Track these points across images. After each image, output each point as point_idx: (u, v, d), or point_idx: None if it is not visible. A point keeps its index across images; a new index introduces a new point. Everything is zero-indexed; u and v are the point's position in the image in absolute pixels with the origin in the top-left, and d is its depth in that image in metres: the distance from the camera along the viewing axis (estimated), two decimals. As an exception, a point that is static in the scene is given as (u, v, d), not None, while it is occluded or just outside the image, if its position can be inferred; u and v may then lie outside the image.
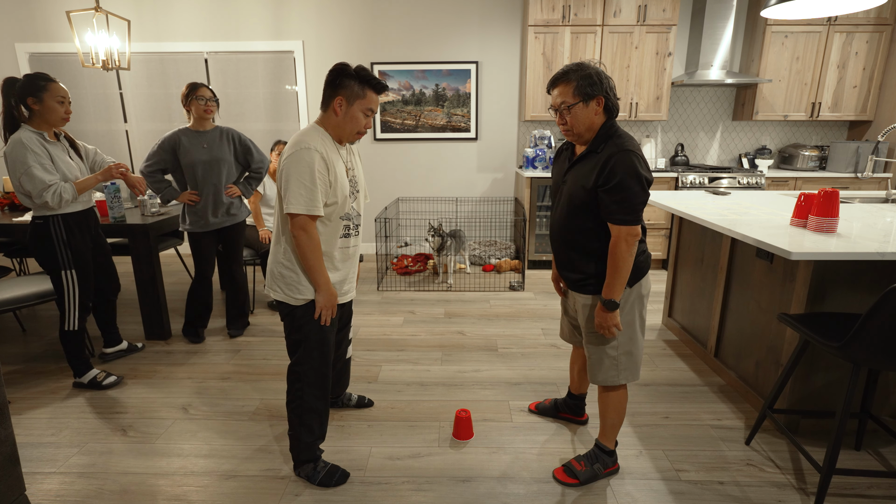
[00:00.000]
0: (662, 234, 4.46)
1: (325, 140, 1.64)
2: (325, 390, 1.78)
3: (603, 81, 1.54)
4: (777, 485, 1.79)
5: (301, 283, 1.67)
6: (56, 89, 2.20)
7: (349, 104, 1.62)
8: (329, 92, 1.63)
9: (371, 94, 1.63)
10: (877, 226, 2.08)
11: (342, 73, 1.60)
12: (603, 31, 4.26)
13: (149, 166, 2.69)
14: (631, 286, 1.64)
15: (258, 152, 2.93)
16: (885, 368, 1.51)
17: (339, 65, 1.61)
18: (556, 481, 1.81)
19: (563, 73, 1.56)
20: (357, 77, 1.60)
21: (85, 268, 2.38)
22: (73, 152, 2.38)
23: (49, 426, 2.16)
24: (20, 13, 4.65)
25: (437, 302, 3.73)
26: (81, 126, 4.90)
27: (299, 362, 1.74)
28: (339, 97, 1.61)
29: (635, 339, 1.70)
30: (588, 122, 1.58)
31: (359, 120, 1.65)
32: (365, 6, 4.60)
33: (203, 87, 2.68)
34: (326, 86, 1.63)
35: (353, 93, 1.61)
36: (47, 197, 2.15)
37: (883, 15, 4.18)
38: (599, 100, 1.55)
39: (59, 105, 2.21)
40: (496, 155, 4.95)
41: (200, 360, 2.79)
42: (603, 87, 1.54)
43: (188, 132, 2.73)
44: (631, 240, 1.52)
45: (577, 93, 1.54)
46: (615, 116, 1.60)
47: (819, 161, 4.49)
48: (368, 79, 1.61)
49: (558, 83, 1.58)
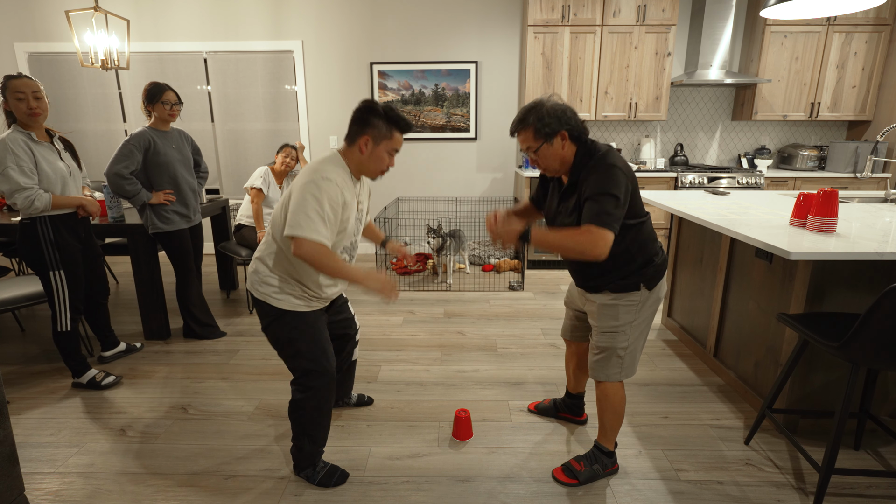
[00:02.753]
0: (662, 234, 4.46)
1: (345, 175, 1.62)
2: (330, 403, 1.77)
3: (561, 116, 1.52)
4: (776, 484, 1.79)
5: (280, 293, 1.66)
6: (15, 86, 2.11)
7: (375, 144, 1.61)
8: (356, 129, 1.62)
9: (397, 135, 1.64)
10: (876, 226, 2.08)
11: (370, 112, 1.59)
12: (602, 31, 4.26)
13: (126, 167, 2.59)
14: (650, 289, 1.64)
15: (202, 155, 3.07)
16: (884, 368, 1.51)
17: (368, 103, 1.61)
18: (556, 481, 1.81)
19: (521, 119, 1.56)
20: (385, 117, 1.60)
21: (74, 268, 2.36)
22: (66, 154, 2.35)
23: (48, 426, 2.16)
24: (19, 13, 4.65)
25: (436, 302, 3.73)
26: (81, 126, 4.90)
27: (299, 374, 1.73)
28: (365, 136, 1.60)
29: (641, 340, 1.72)
30: (559, 158, 1.57)
31: (383, 160, 1.65)
32: (364, 6, 4.60)
33: (169, 91, 2.68)
34: (353, 122, 1.62)
35: (381, 133, 1.60)
36: (17, 199, 2.13)
37: (882, 15, 4.18)
38: (563, 134, 1.54)
39: (20, 101, 2.12)
40: (496, 155, 4.95)
41: (200, 360, 2.79)
42: (562, 122, 1.52)
43: (157, 132, 2.71)
44: (594, 245, 1.42)
45: (537, 135, 1.54)
46: (586, 141, 1.58)
47: (818, 161, 4.49)
48: (396, 120, 1.61)
49: (518, 131, 1.58)
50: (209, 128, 4.91)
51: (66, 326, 2.39)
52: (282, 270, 1.67)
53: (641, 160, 4.69)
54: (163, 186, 2.75)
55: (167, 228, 2.78)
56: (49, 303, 2.36)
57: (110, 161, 2.59)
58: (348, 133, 1.64)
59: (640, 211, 1.60)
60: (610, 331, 1.68)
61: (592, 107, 4.44)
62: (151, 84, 2.67)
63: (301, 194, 1.51)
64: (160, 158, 2.69)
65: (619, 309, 1.66)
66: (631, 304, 1.65)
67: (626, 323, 1.66)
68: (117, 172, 2.58)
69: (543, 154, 1.56)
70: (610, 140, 4.87)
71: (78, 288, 2.40)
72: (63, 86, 4.81)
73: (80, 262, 2.40)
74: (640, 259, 1.62)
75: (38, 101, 2.16)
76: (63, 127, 4.89)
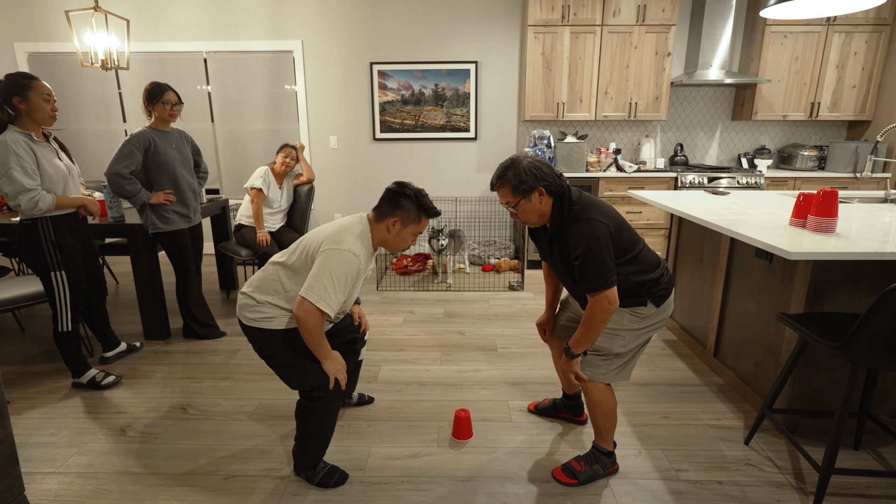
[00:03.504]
0: (662, 234, 4.46)
1: (368, 250, 1.68)
2: (337, 408, 1.77)
3: (537, 173, 1.58)
4: (776, 484, 1.79)
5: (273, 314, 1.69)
6: (41, 87, 2.15)
7: (403, 226, 1.69)
8: (386, 208, 1.67)
9: (425, 220, 1.72)
10: (876, 226, 2.08)
11: (403, 195, 1.66)
12: (602, 31, 4.26)
13: (126, 166, 2.59)
14: (658, 306, 1.68)
15: (201, 156, 3.09)
16: (884, 368, 1.51)
17: (401, 186, 1.67)
18: (556, 481, 1.81)
19: (498, 176, 1.63)
20: (417, 204, 1.68)
21: (75, 269, 2.36)
22: (62, 154, 2.35)
23: (48, 426, 2.16)
24: (19, 13, 4.65)
25: (436, 302, 3.73)
26: (80, 126, 4.90)
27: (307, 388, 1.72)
28: (395, 218, 1.67)
29: (638, 350, 1.74)
30: (537, 212, 1.64)
31: (406, 241, 1.72)
32: (364, 6, 4.60)
33: (170, 92, 2.68)
34: (385, 201, 1.68)
35: (409, 217, 1.68)
36: (22, 200, 2.12)
37: (882, 15, 4.18)
38: (540, 190, 1.60)
39: (45, 103, 2.16)
40: (495, 155, 4.95)
41: (200, 360, 2.79)
42: (539, 178, 1.58)
43: (157, 132, 2.72)
44: (608, 306, 1.54)
45: (515, 192, 1.61)
46: (564, 194, 1.63)
47: (818, 161, 4.49)
48: (427, 208, 1.69)
49: (497, 187, 1.66)
50: (209, 128, 4.91)
51: (67, 327, 2.39)
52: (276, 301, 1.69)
53: (641, 160, 4.69)
54: (163, 186, 2.75)
55: (167, 228, 2.78)
56: (50, 303, 2.36)
57: (110, 161, 2.59)
58: (379, 208, 1.70)
59: (632, 244, 1.63)
60: (609, 333, 1.70)
61: (592, 107, 4.44)
62: (152, 84, 2.67)
63: (326, 262, 1.56)
64: (160, 158, 2.69)
65: (624, 316, 1.69)
66: (636, 316, 1.68)
67: (627, 329, 1.69)
68: (117, 172, 2.58)
69: (522, 209, 1.64)
70: (610, 140, 4.88)
71: (79, 288, 2.40)
72: (63, 86, 4.81)
73: (80, 262, 2.40)
74: (647, 282, 1.66)
75: (55, 104, 2.23)
76: (62, 126, 4.89)
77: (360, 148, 4.95)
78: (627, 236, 1.63)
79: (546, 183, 1.59)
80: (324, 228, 1.68)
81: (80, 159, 4.97)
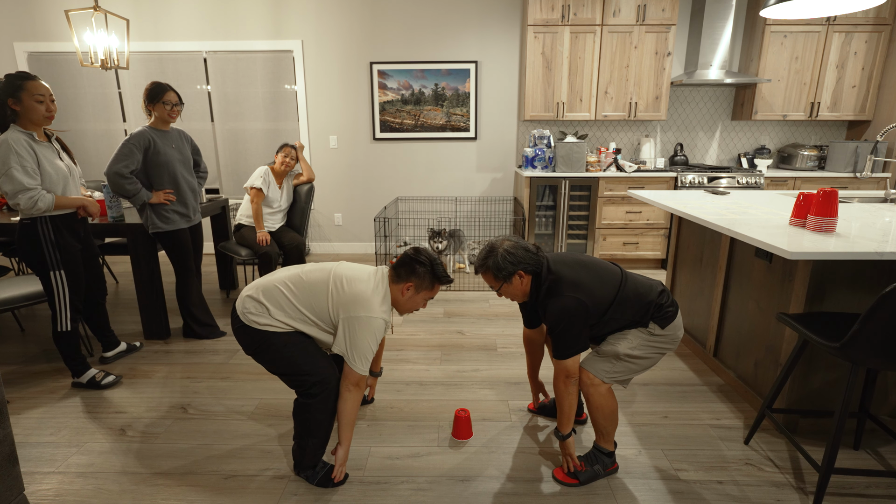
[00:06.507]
0: (662, 234, 4.46)
1: (389, 306, 1.75)
2: (335, 405, 1.77)
3: (514, 258, 1.67)
4: (776, 484, 1.79)
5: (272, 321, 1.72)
6: (33, 87, 2.12)
7: (416, 292, 1.76)
8: (403, 272, 1.74)
9: (437, 287, 1.79)
10: (875, 225, 2.08)
11: (418, 262, 1.73)
12: (602, 31, 4.26)
13: (126, 166, 2.58)
14: (663, 328, 1.70)
15: (201, 155, 3.08)
16: (884, 368, 1.51)
17: (418, 253, 1.73)
18: (556, 481, 1.81)
19: (480, 265, 1.74)
20: (432, 272, 1.75)
21: (74, 268, 2.36)
22: (64, 154, 2.35)
23: (48, 426, 2.16)
24: (19, 12, 4.64)
25: (436, 301, 3.73)
26: (80, 125, 4.90)
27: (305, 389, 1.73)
28: (410, 283, 1.74)
29: (643, 360, 1.74)
30: (520, 291, 1.74)
31: (417, 305, 1.80)
32: (364, 6, 4.60)
33: (170, 92, 2.68)
34: (402, 265, 1.74)
35: (423, 284, 1.75)
36: (21, 199, 2.11)
37: (882, 15, 4.18)
38: (519, 273, 1.69)
39: (39, 104, 2.13)
40: (495, 154, 4.95)
41: (200, 360, 2.78)
42: (516, 263, 1.67)
43: (157, 132, 2.71)
44: (565, 379, 1.68)
45: (496, 278, 1.70)
46: (541, 271, 1.70)
47: (818, 161, 4.49)
48: (440, 276, 1.77)
49: (481, 273, 1.76)
50: (209, 127, 4.91)
51: (67, 326, 2.39)
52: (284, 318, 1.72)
53: (641, 160, 4.69)
54: (163, 186, 2.75)
55: (167, 228, 2.78)
56: (49, 303, 2.35)
57: (110, 160, 2.59)
58: (396, 271, 1.75)
59: (608, 291, 1.66)
60: (617, 336, 1.74)
61: (592, 106, 4.44)
62: (153, 84, 2.67)
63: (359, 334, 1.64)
64: (160, 158, 2.69)
65: (632, 329, 1.73)
66: (644, 331, 1.72)
67: (634, 336, 1.72)
68: (117, 172, 2.58)
69: (506, 291, 1.75)
70: (610, 140, 4.88)
71: (78, 288, 2.40)
72: (63, 85, 4.81)
73: (80, 261, 2.40)
74: (647, 309, 1.69)
75: (53, 104, 2.20)
76: (62, 127, 4.89)
77: (360, 148, 4.95)
78: (602, 293, 1.65)
79: (524, 265, 1.67)
80: (350, 273, 1.72)
81: (79, 159, 4.96)
